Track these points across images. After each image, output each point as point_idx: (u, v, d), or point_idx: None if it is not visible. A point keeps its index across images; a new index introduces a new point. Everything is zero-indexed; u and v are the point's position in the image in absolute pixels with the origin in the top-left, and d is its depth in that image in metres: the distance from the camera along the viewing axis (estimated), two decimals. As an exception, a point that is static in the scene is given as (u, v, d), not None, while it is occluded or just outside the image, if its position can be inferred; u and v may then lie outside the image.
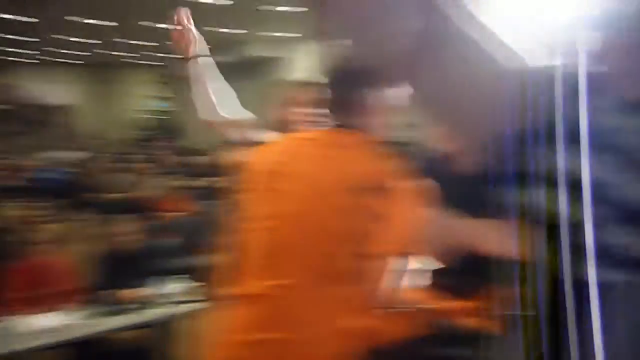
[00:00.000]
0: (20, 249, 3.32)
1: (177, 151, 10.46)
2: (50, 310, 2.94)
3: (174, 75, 14.36)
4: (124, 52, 12.80)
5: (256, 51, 10.36)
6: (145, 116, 15.14)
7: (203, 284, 3.32)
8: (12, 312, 2.88)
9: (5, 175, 7.49)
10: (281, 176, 1.25)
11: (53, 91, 14.16)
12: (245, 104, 1.93)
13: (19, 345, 2.66)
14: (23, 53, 12.54)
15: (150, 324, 3.09)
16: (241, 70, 10.31)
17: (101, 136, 13.03)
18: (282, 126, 1.81)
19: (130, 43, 11.73)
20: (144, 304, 3.08)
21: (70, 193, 6.62)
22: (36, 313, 2.89)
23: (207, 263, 3.71)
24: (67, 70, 14.34)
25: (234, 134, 1.81)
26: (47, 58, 13.22)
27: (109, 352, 3.15)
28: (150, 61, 14.15)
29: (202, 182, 6.71)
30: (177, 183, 6.59)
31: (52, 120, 13.87)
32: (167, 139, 12.81)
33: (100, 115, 14.51)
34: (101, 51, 12.35)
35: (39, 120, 13.55)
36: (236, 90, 1.97)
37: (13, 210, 4.77)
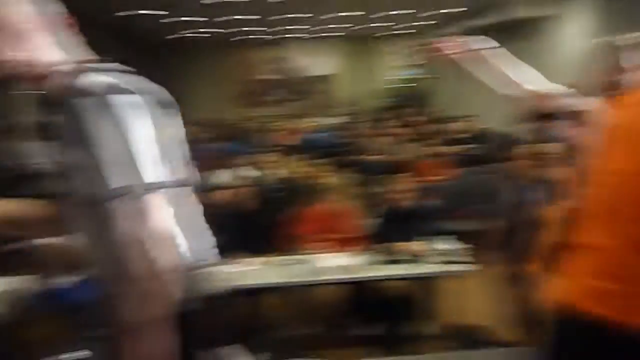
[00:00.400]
0: (310, 197, 3.87)
1: (430, 118, 10.63)
2: (336, 252, 3.39)
3: (424, 42, 14.51)
4: (381, 23, 13.43)
5: (525, 11, 9.60)
6: (397, 84, 15.74)
7: (470, 246, 3.39)
8: (307, 249, 3.39)
9: (284, 136, 8.77)
10: (633, 133, 1.22)
11: (317, 63, 15.80)
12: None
13: (313, 277, 3.15)
14: (294, 29, 14.21)
15: (417, 278, 3.30)
16: (512, 32, 9.74)
17: (359, 103, 14.08)
18: (601, 90, 1.72)
19: (388, 14, 12.23)
20: (415, 258, 3.29)
21: (335, 153, 7.39)
22: (325, 253, 3.36)
23: (473, 227, 3.76)
24: (329, 43, 15.76)
25: (546, 104, 1.79)
26: (312, 35, 14.75)
27: (379, 296, 3.49)
28: (404, 30, 14.55)
29: (457, 148, 6.73)
30: (433, 149, 6.74)
31: (317, 89, 15.55)
32: (420, 105, 13.14)
33: (357, 83, 15.65)
34: (361, 25, 13.22)
35: (306, 89, 15.36)
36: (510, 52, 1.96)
37: (297, 165, 5.55)
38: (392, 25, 13.98)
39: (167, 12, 10.98)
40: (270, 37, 14.67)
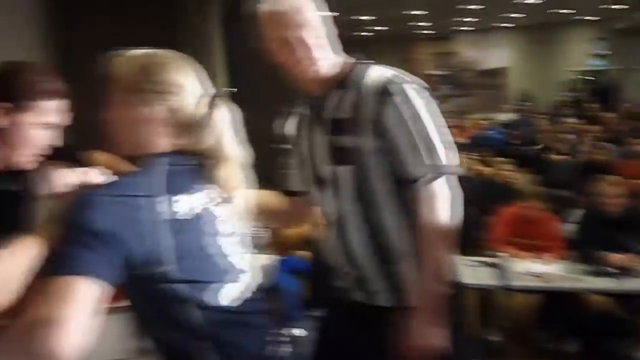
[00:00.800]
0: (497, 198, 3.67)
1: (624, 113, 9.42)
2: (529, 257, 3.17)
3: (612, 30, 12.90)
4: (561, 9, 12.28)
5: None
6: (580, 76, 14.26)
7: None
8: (497, 252, 3.21)
9: (455, 132, 8.48)
10: None
11: (489, 56, 15.02)
12: None
13: (502, 282, 2.97)
14: (463, 21, 13.70)
15: (627, 294, 2.93)
16: None
17: (536, 98, 13.05)
18: None
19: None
20: (623, 271, 2.92)
21: (512, 152, 6.92)
22: (517, 257, 3.16)
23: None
24: (501, 34, 14.88)
25: None
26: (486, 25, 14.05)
27: (576, 310, 3.17)
28: (589, 16, 13.13)
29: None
30: (634, 148, 5.94)
31: (489, 84, 14.80)
32: (608, 99, 11.73)
33: (534, 76, 14.52)
34: (542, 11, 12.22)
35: (477, 83, 14.71)
36: None
37: (474, 163, 5.32)
38: (575, 12, 12.68)
39: (337, 13, 11.34)
40: (439, 31, 14.34)
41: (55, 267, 0.83)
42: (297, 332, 1.67)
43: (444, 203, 1.27)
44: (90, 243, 0.83)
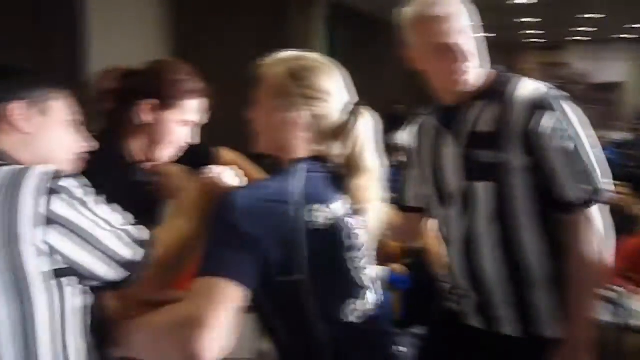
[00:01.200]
0: (622, 225, 3.35)
1: None
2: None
3: None
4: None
5: None
6: None
7: None
8: (619, 286, 2.93)
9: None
10: None
11: (604, 68, 13.97)
12: None
13: (621, 320, 2.72)
14: (579, 31, 12.85)
15: None
16: None
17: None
18: None
19: None
20: None
21: (628, 175, 6.34)
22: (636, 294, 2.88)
23: None
24: (620, 45, 13.79)
25: None
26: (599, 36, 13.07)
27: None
28: None
29: None
30: None
31: (602, 98, 13.77)
32: None
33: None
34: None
35: (588, 97, 13.72)
36: None
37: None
38: None
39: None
40: (551, 40, 13.56)
41: (202, 266, 0.84)
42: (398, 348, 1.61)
43: (599, 230, 1.19)
44: (236, 245, 0.84)
